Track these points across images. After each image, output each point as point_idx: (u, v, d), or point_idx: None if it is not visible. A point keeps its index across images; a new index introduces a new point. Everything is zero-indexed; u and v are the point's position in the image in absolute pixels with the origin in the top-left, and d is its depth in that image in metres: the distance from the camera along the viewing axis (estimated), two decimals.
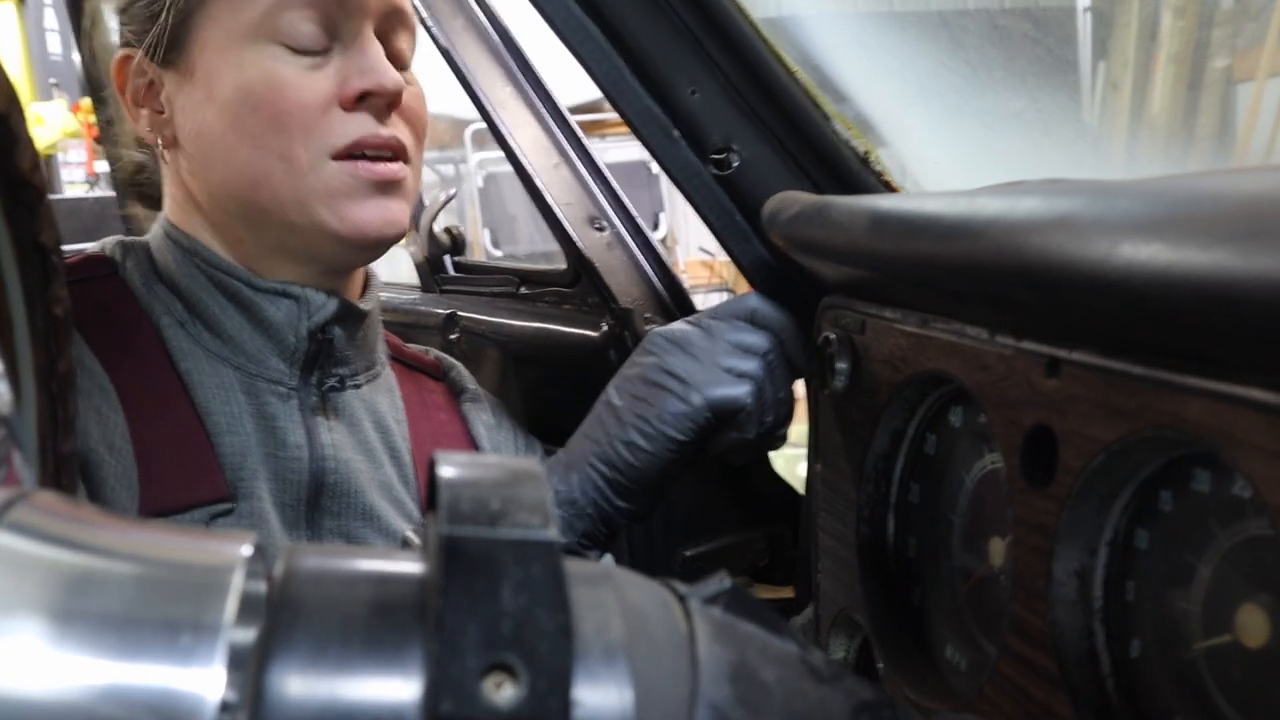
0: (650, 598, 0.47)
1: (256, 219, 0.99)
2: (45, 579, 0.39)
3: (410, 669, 0.39)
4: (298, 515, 1.00)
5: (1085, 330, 0.60)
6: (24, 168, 0.56)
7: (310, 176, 0.96)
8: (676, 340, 1.05)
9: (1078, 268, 0.51)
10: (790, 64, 1.03)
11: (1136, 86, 5.71)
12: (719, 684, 0.45)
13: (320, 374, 1.03)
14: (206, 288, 1.00)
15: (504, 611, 0.39)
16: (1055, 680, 0.67)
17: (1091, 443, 0.61)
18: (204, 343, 0.99)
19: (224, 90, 0.96)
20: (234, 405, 0.98)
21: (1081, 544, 0.66)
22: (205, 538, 0.43)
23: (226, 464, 0.96)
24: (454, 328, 1.56)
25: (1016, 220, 0.57)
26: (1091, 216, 0.51)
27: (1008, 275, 0.58)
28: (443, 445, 1.18)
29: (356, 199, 0.97)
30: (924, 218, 0.69)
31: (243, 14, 0.95)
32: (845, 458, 0.97)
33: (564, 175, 1.37)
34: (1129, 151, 5.74)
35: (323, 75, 0.96)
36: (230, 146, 0.97)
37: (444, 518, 0.40)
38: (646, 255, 1.35)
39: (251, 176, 0.97)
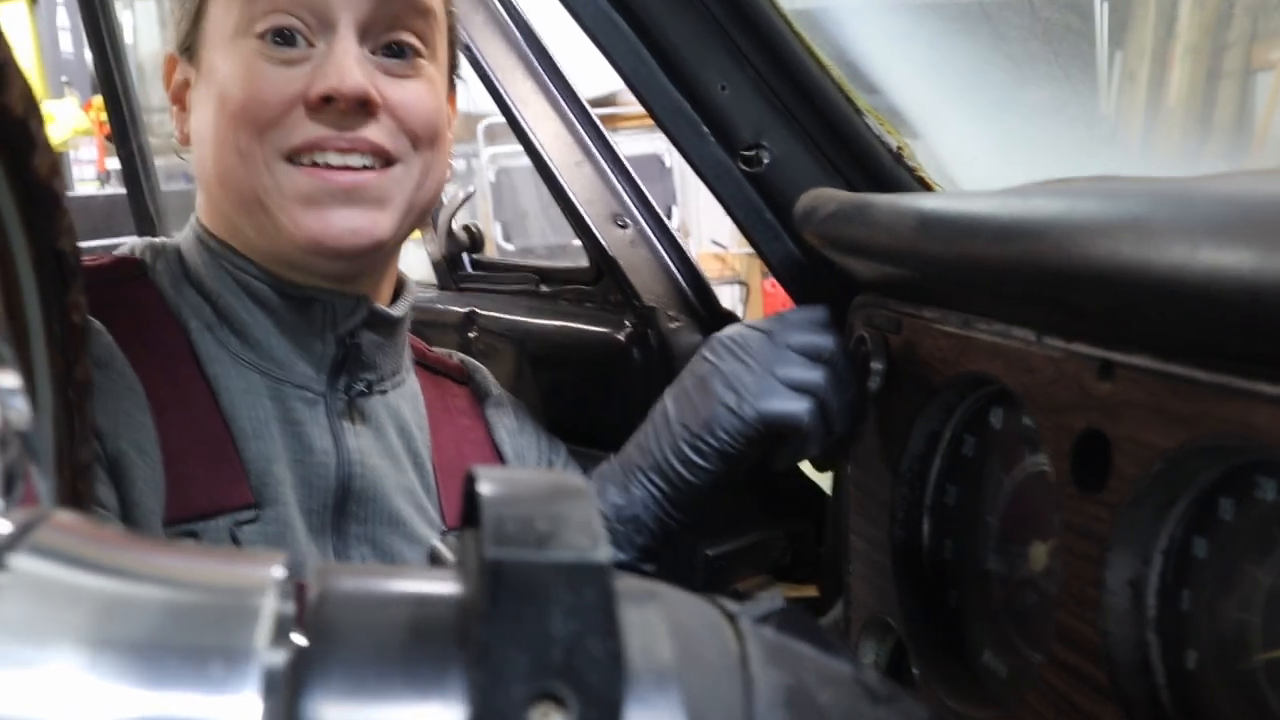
0: (700, 618, 0.45)
1: (234, 216, 0.97)
2: (70, 605, 0.37)
3: (451, 698, 0.37)
4: (324, 521, 0.98)
5: (1143, 333, 0.58)
6: (42, 172, 0.54)
7: (265, 176, 0.93)
8: (734, 346, 1.01)
9: (1152, 272, 0.49)
10: (822, 57, 1.01)
11: (1153, 77, 5.67)
12: (774, 709, 0.43)
13: (348, 379, 1.01)
14: (235, 291, 0.98)
15: (553, 638, 0.37)
16: (1106, 691, 0.65)
17: (1148, 449, 0.59)
18: (231, 347, 0.98)
19: (214, 85, 0.95)
20: (260, 411, 0.96)
21: (1135, 552, 0.63)
22: (234, 559, 0.41)
23: (252, 470, 0.95)
24: (472, 326, 1.54)
25: (1080, 222, 0.55)
26: (1166, 219, 0.49)
27: (1071, 278, 0.56)
28: (465, 451, 1.16)
29: (314, 206, 0.93)
30: (976, 218, 0.66)
31: (232, 10, 0.94)
32: (879, 459, 0.95)
33: (586, 172, 1.35)
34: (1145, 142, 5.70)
35: (296, 75, 0.93)
36: (210, 141, 0.96)
37: (489, 540, 0.38)
38: (670, 252, 1.33)
39: (219, 171, 0.95)
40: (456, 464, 1.13)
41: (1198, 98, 5.38)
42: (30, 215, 0.56)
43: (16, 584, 0.35)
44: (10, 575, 0.36)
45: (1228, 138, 5.34)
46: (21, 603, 0.35)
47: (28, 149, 0.53)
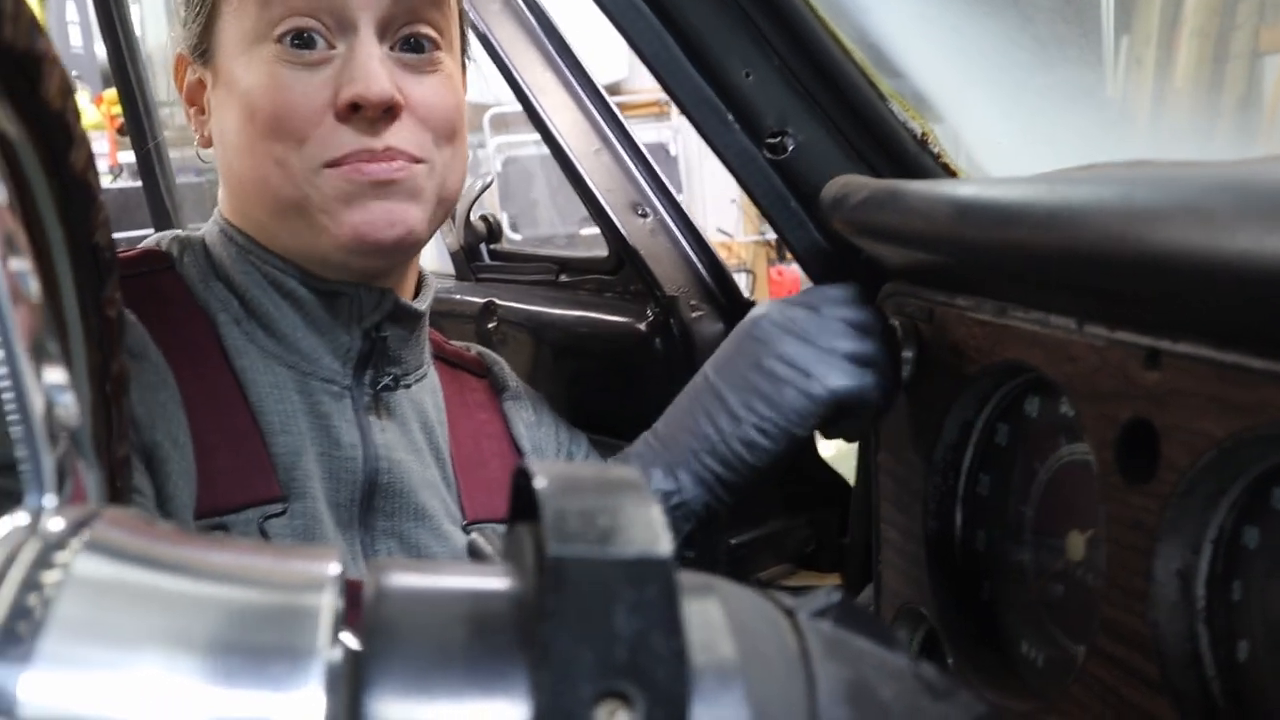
0: (757, 612, 0.45)
1: (270, 221, 0.97)
2: (130, 605, 0.36)
3: (515, 696, 0.36)
4: (351, 515, 0.98)
5: (1194, 321, 0.57)
6: (79, 167, 0.53)
7: (305, 185, 0.93)
8: (785, 324, 0.99)
9: (1218, 259, 0.48)
10: (846, 42, 1.00)
11: (1160, 60, 5.63)
12: (838, 705, 0.42)
13: (374, 373, 1.01)
14: (261, 285, 0.98)
15: (618, 636, 0.36)
16: (1155, 684, 0.64)
17: (1200, 438, 0.58)
18: (259, 341, 0.97)
19: (236, 93, 0.94)
20: (288, 404, 0.96)
21: (1184, 542, 0.63)
22: (289, 556, 0.41)
23: (280, 464, 0.94)
24: (491, 317, 1.54)
25: (1138, 208, 0.54)
26: (1231, 206, 0.48)
27: (1125, 265, 0.55)
28: (482, 445, 1.15)
29: (355, 203, 0.93)
30: (1019, 204, 0.65)
31: (248, 15, 0.93)
32: (911, 449, 0.94)
33: (605, 160, 1.34)
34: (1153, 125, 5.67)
35: (321, 81, 0.92)
36: (239, 150, 0.95)
37: (551, 536, 0.37)
38: (691, 241, 1.32)
39: (257, 181, 0.95)
40: (474, 458, 1.13)
41: (1205, 80, 5.36)
42: (67, 210, 0.55)
43: (76, 583, 0.35)
44: (68, 574, 0.35)
45: (1236, 120, 5.32)
46: (82, 603, 0.35)
47: (65, 143, 0.52)
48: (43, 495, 0.39)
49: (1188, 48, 5.50)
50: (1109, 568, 0.67)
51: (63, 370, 0.44)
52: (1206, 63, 5.44)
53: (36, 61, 0.47)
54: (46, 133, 0.51)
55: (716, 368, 1.03)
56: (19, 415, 0.40)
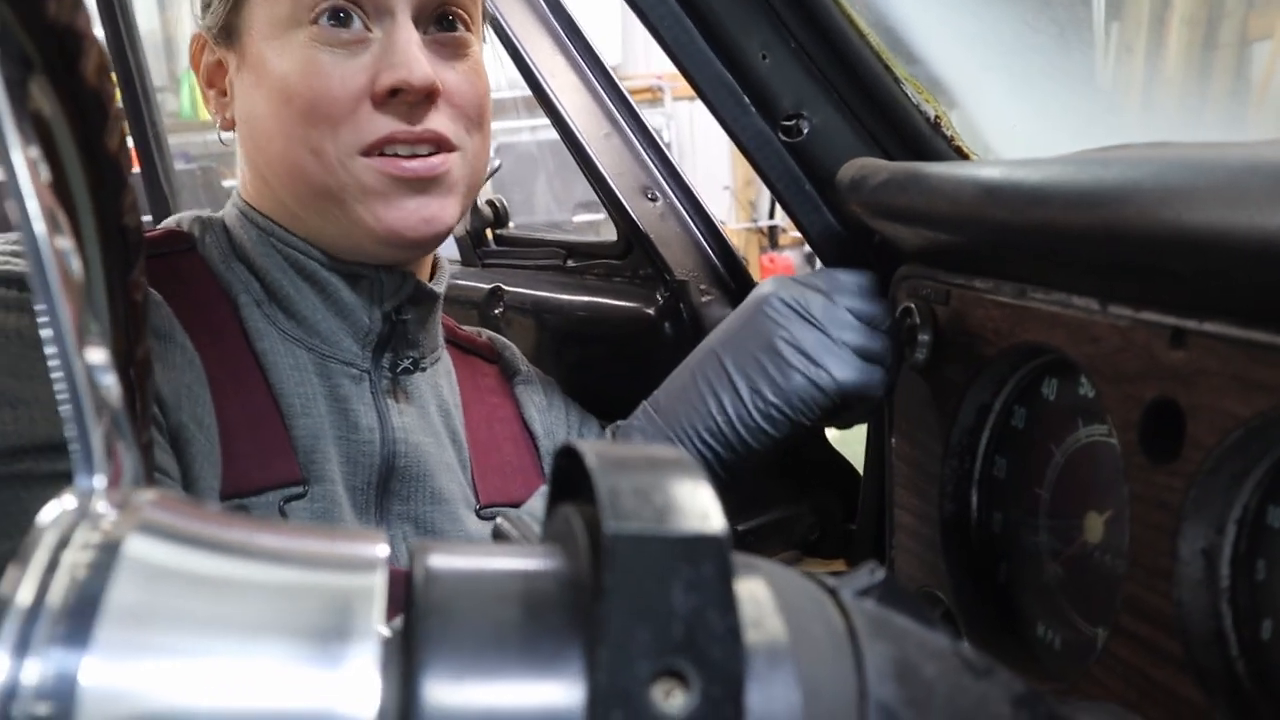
0: (803, 591, 0.45)
1: (304, 205, 0.97)
2: (184, 587, 0.36)
3: (571, 676, 0.37)
4: (368, 499, 0.98)
5: (1222, 300, 0.57)
6: (112, 148, 0.53)
7: (341, 172, 0.93)
8: (798, 306, 0.99)
9: (1254, 237, 0.48)
10: (862, 25, 1.00)
11: (1150, 47, 5.63)
12: (885, 683, 0.42)
13: (393, 356, 1.01)
14: (282, 267, 0.98)
15: (675, 613, 0.36)
16: (1179, 662, 0.64)
17: (1227, 417, 0.59)
18: (279, 323, 0.97)
19: (269, 77, 0.94)
20: (308, 387, 0.96)
21: (1209, 521, 0.63)
22: (335, 538, 0.41)
23: (300, 446, 0.94)
24: (498, 302, 1.54)
25: (1171, 186, 0.54)
26: (1264, 186, 0.48)
27: (1160, 244, 0.55)
28: (495, 429, 1.15)
29: (392, 198, 0.94)
30: (1049, 185, 0.66)
31: (285, 6, 0.93)
32: (926, 432, 0.94)
33: (615, 144, 1.34)
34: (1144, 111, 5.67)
35: (358, 66, 0.92)
36: (271, 135, 0.95)
37: (607, 514, 0.37)
38: (700, 225, 1.32)
39: (290, 165, 0.95)
40: (487, 441, 1.13)
41: (1194, 67, 5.36)
42: (99, 190, 0.55)
43: (129, 566, 0.35)
44: (122, 557, 0.35)
45: (1224, 107, 5.32)
46: (136, 586, 0.35)
47: (100, 122, 0.52)
48: (92, 476, 0.39)
49: (1177, 35, 5.50)
50: (1133, 547, 0.68)
51: (104, 350, 0.44)
52: (1196, 49, 5.44)
53: (77, 38, 0.47)
54: (82, 111, 0.51)
55: (723, 343, 1.03)
56: (68, 395, 0.40)
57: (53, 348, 0.40)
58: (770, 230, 8.13)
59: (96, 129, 0.52)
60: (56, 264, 0.41)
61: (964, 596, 0.91)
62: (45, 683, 0.32)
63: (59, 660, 0.32)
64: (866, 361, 0.98)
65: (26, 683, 0.31)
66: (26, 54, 0.45)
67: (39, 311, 0.41)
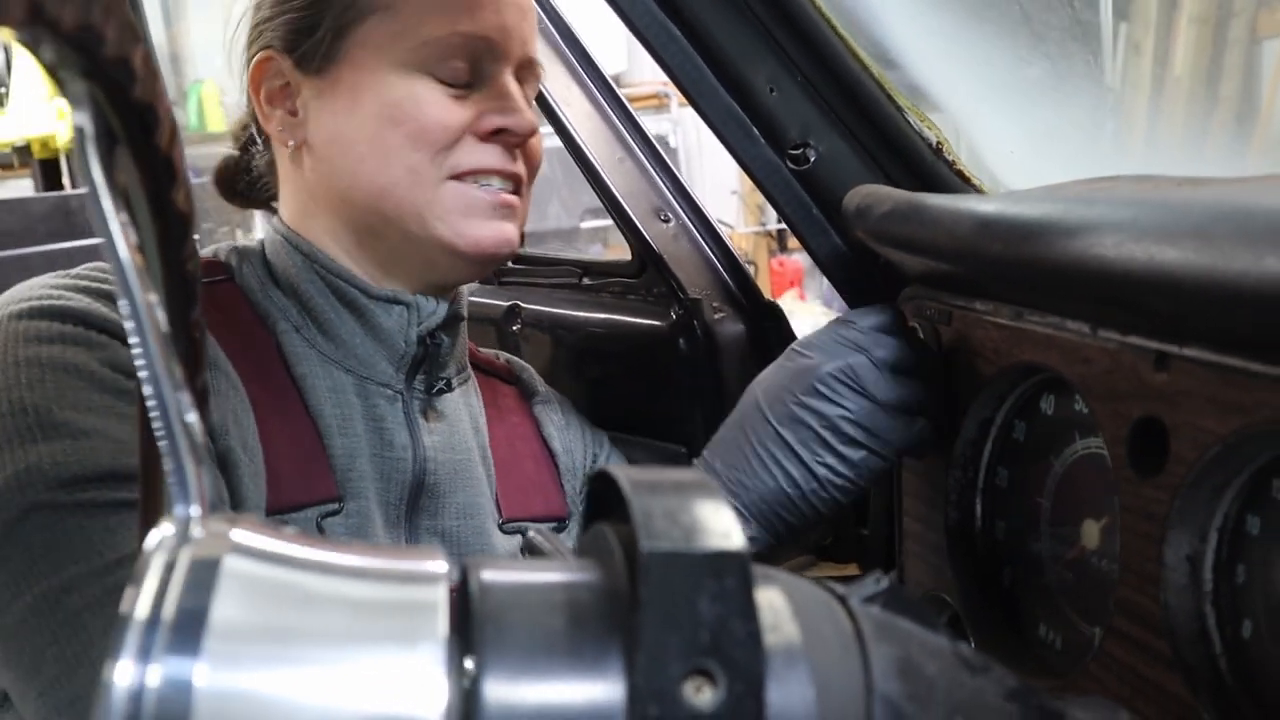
0: (814, 598, 0.50)
1: (377, 227, 1.03)
2: (277, 601, 0.41)
3: (612, 677, 0.42)
4: (399, 513, 1.03)
5: (1199, 330, 0.62)
6: (180, 204, 0.58)
7: (430, 192, 1.00)
8: (849, 380, 1.00)
9: (1217, 279, 0.53)
10: (864, 57, 1.05)
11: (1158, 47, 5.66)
12: (890, 680, 0.47)
13: (426, 377, 1.07)
14: (323, 293, 1.03)
15: (702, 621, 0.41)
16: (1167, 660, 0.69)
17: (1206, 434, 0.64)
18: (318, 346, 1.03)
19: (368, 105, 1.00)
20: (346, 407, 1.01)
21: (1192, 530, 0.68)
22: (401, 555, 0.46)
23: (337, 465, 1.00)
24: (515, 319, 1.58)
25: (1147, 226, 0.59)
26: (1230, 231, 0.54)
27: (1137, 283, 0.60)
28: (517, 447, 1.21)
29: (476, 217, 1.02)
30: (1039, 221, 0.71)
31: (399, 44, 1.00)
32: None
33: (628, 168, 1.39)
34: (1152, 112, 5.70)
35: (462, 107, 1.01)
36: (362, 156, 1.01)
37: (641, 534, 0.42)
38: (712, 245, 1.37)
39: (378, 186, 1.01)
40: (509, 460, 1.18)
41: (1204, 66, 5.39)
42: (166, 241, 0.60)
43: (229, 584, 0.40)
44: (222, 576, 0.40)
45: (1234, 106, 5.35)
46: (236, 601, 0.40)
47: (170, 183, 0.57)
48: (189, 505, 0.45)
49: (1186, 34, 5.53)
50: (1123, 554, 0.73)
51: (187, 392, 0.49)
52: (1205, 48, 5.47)
53: (155, 112, 0.52)
54: (155, 174, 0.56)
55: (780, 416, 1.03)
56: (165, 434, 0.46)
57: (150, 389, 0.46)
58: (779, 234, 8.16)
59: (166, 188, 0.57)
60: (150, 317, 0.46)
61: (970, 600, 0.96)
62: (165, 686, 0.37)
63: (175, 667, 0.37)
64: (916, 415, 1.00)
65: (150, 686, 0.37)
66: (112, 128, 0.50)
67: (137, 359, 0.46)
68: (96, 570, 0.83)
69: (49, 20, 0.39)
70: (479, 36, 1.01)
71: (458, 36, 1.00)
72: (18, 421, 0.85)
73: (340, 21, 1.01)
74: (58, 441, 0.84)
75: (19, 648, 0.83)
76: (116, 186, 0.49)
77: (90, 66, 0.46)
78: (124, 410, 0.88)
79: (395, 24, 1.00)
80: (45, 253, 3.43)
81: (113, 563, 0.83)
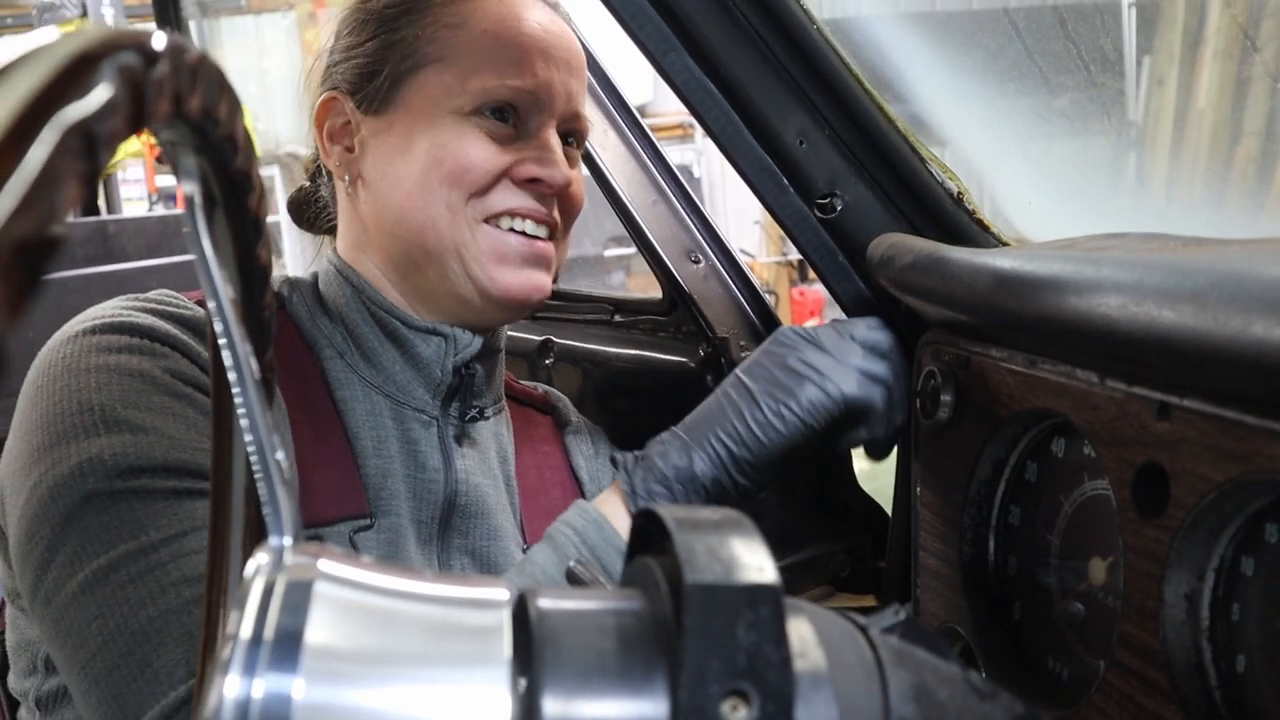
0: (838, 628, 0.55)
1: (420, 262, 1.10)
2: (363, 623, 0.47)
3: (657, 695, 0.47)
4: (431, 532, 1.10)
5: (1198, 384, 0.67)
6: (263, 261, 0.64)
7: (466, 233, 1.08)
8: (809, 336, 1.10)
9: (1209, 340, 0.58)
10: (890, 111, 1.10)
11: (1181, 82, 5.70)
12: (906, 703, 0.52)
13: (461, 405, 1.13)
14: (368, 322, 1.11)
15: (739, 647, 0.46)
16: (1166, 692, 0.74)
17: (1204, 481, 0.69)
18: (360, 371, 1.10)
19: (419, 146, 1.08)
20: (382, 430, 1.08)
21: (1191, 570, 0.73)
22: (467, 582, 0.51)
23: (370, 483, 1.07)
24: (549, 353, 1.64)
25: (1148, 289, 0.65)
26: (1226, 294, 0.59)
27: (1140, 341, 0.65)
28: (545, 475, 1.27)
29: (508, 265, 1.09)
30: (1051, 279, 0.76)
31: (453, 95, 1.08)
32: (948, 483, 1.04)
33: (661, 211, 1.45)
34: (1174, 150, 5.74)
35: (503, 153, 1.08)
36: (409, 192, 1.08)
37: (687, 567, 0.47)
38: (740, 285, 1.43)
39: (420, 221, 1.08)
40: (537, 487, 1.24)
41: (1227, 101, 5.43)
42: (248, 293, 0.66)
43: (321, 608, 0.45)
44: (314, 600, 0.46)
45: (1258, 141, 5.39)
46: (328, 623, 0.45)
47: (255, 240, 0.63)
48: (282, 536, 0.50)
49: (1210, 68, 5.57)
50: (1126, 591, 0.77)
51: (277, 435, 0.55)
52: (1229, 82, 5.50)
53: (249, 179, 0.58)
54: (244, 233, 0.62)
55: (743, 368, 1.12)
56: (262, 471, 0.51)
57: (250, 433, 0.51)
58: (800, 264, 8.20)
59: (252, 245, 0.63)
60: (248, 365, 0.52)
61: (983, 633, 1.01)
62: (268, 699, 0.42)
63: (276, 681, 0.43)
64: (870, 381, 1.08)
65: (255, 697, 0.42)
66: (213, 194, 0.56)
67: (237, 402, 0.52)
68: (142, 548, 0.90)
69: (183, 113, 0.45)
70: (524, 90, 1.08)
71: (505, 89, 1.07)
72: (84, 419, 0.93)
73: (400, 69, 1.09)
74: (118, 435, 0.92)
75: (69, 625, 0.90)
76: (217, 247, 0.55)
77: (203, 143, 0.52)
78: (180, 411, 0.96)
79: (449, 75, 1.08)
80: (83, 276, 3.51)
81: (158, 542, 0.90)
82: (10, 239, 0.32)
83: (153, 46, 0.43)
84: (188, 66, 0.46)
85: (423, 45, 1.09)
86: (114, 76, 0.39)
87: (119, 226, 4.06)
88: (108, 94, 0.39)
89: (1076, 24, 3.96)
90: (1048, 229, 1.10)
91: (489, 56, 1.08)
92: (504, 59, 1.08)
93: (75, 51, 0.38)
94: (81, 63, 0.38)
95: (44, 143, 0.35)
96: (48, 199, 0.34)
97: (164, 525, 0.91)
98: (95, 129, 0.37)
